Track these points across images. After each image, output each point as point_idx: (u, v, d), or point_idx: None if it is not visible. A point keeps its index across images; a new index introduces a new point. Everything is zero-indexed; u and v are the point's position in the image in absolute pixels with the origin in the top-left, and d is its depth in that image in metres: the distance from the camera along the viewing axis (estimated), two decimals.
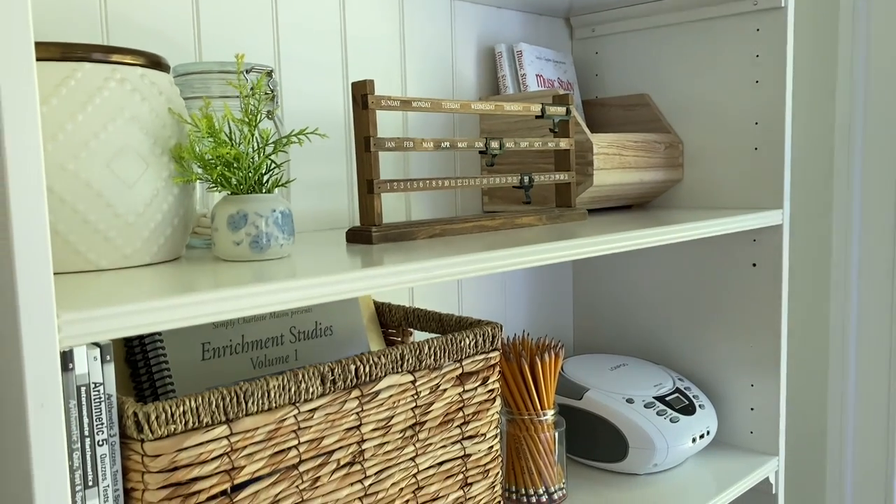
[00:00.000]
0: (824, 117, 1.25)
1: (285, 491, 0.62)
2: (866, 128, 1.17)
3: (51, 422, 0.40)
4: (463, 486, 0.76)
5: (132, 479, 0.55)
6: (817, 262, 1.25)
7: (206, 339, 0.72)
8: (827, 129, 1.24)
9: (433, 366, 0.72)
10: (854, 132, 1.17)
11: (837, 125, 1.19)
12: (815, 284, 1.26)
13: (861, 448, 1.21)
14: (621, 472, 1.00)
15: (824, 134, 1.25)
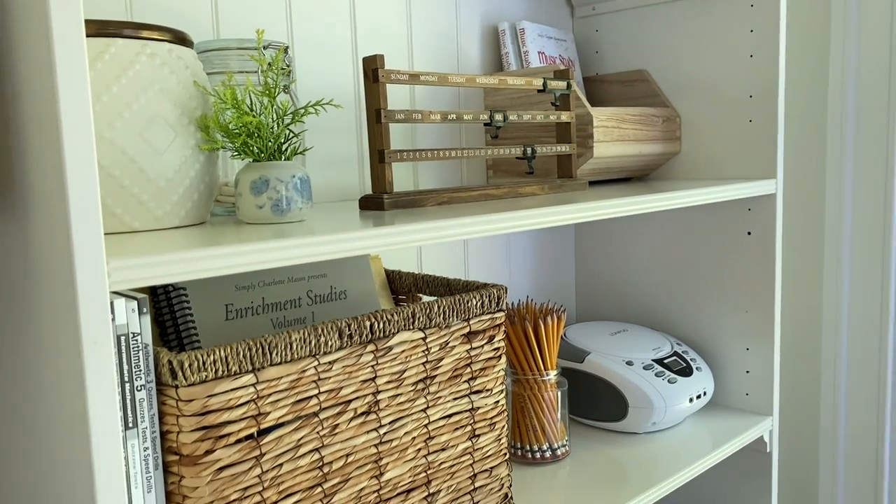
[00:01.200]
0: (818, 89, 1.28)
1: (307, 436, 0.66)
2: (858, 99, 1.21)
3: (103, 357, 0.45)
4: (471, 438, 0.80)
5: (167, 423, 0.59)
6: (811, 230, 1.29)
7: (229, 300, 0.77)
8: (821, 101, 1.28)
9: (442, 324, 0.77)
10: (846, 104, 1.21)
11: (830, 97, 1.22)
12: (808, 251, 1.30)
13: (852, 408, 1.25)
14: (622, 431, 1.05)
15: (818, 106, 1.28)
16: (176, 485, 0.60)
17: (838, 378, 1.25)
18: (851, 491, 1.26)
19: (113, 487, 0.47)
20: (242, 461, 0.62)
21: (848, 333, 1.24)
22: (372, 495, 0.72)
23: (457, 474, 0.79)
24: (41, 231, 0.47)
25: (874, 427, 1.23)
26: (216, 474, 0.61)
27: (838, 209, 1.22)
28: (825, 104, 1.25)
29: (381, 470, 0.72)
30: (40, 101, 0.44)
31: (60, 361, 0.47)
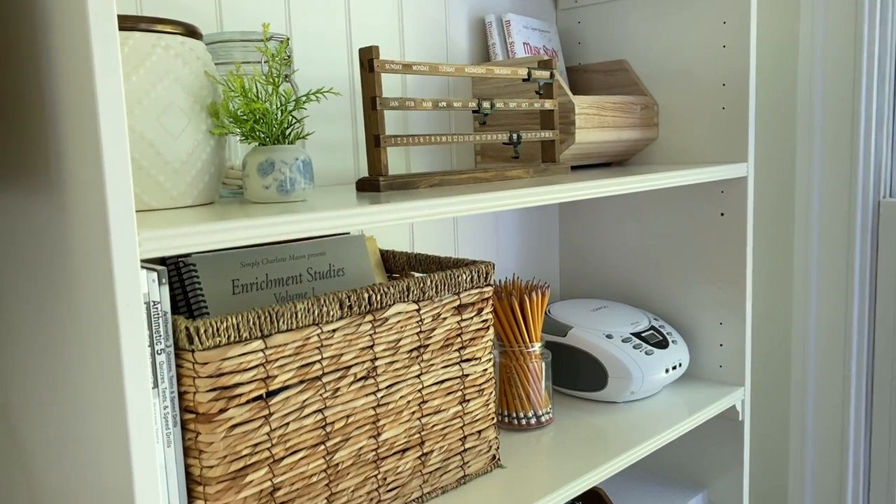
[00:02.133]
0: (788, 78, 1.35)
1: (311, 398, 0.72)
2: (825, 88, 1.27)
3: (135, 317, 0.50)
4: (461, 402, 0.87)
5: (185, 384, 0.65)
6: (782, 211, 1.36)
7: (235, 276, 0.83)
8: (790, 89, 1.34)
9: (434, 297, 0.83)
10: (814, 92, 1.27)
11: (799, 85, 1.29)
12: (779, 231, 1.37)
13: (821, 379, 1.32)
14: (602, 401, 1.12)
15: (788, 94, 1.35)
16: (193, 440, 0.65)
17: (807, 350, 1.32)
18: (819, 457, 1.34)
19: (144, 430, 0.52)
20: (253, 420, 0.68)
21: (816, 310, 1.31)
22: (370, 453, 0.78)
23: (448, 436, 0.85)
24: (77, 208, 0.52)
25: (840, 397, 1.30)
26: (229, 431, 0.66)
27: (807, 191, 1.28)
28: (795, 92, 1.31)
29: (378, 430, 0.78)
30: (78, 92, 0.50)
31: (97, 323, 0.53)
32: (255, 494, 0.68)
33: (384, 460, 0.79)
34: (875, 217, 1.24)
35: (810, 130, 1.27)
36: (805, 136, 1.28)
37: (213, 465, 0.66)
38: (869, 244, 1.25)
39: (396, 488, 0.80)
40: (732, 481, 1.20)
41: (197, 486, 0.66)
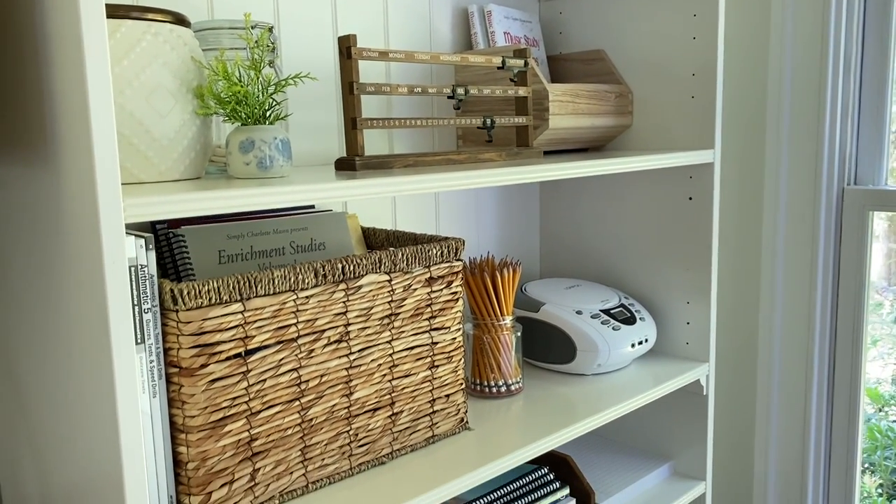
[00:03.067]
0: (759, 69, 1.40)
1: (287, 358, 0.79)
2: (794, 76, 1.33)
3: (119, 272, 0.57)
4: (430, 368, 0.93)
5: (169, 341, 0.72)
6: (751, 196, 1.42)
7: (221, 247, 0.89)
8: (761, 79, 1.39)
9: (406, 269, 0.89)
10: (783, 81, 1.32)
11: (770, 75, 1.34)
12: (748, 215, 1.43)
13: (786, 357, 1.38)
14: (571, 373, 1.18)
15: (759, 84, 1.40)
16: (176, 392, 0.72)
17: (774, 329, 1.38)
18: (783, 431, 1.40)
19: (126, 376, 0.59)
20: (232, 375, 0.75)
21: (783, 291, 1.36)
22: (343, 411, 0.84)
23: (418, 398, 0.92)
24: (70, 177, 0.59)
25: (803, 373, 1.36)
26: (209, 385, 0.73)
27: (775, 178, 1.34)
28: (765, 83, 1.36)
29: (350, 390, 0.85)
30: (70, 73, 0.56)
31: (87, 281, 0.60)
32: (233, 443, 0.75)
33: (356, 418, 0.86)
34: (839, 203, 1.30)
35: (779, 120, 1.32)
36: (774, 126, 1.33)
37: (195, 416, 0.72)
38: (833, 229, 1.30)
39: (367, 444, 0.87)
40: (697, 453, 1.27)
41: (180, 433, 0.73)
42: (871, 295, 1.33)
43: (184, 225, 0.89)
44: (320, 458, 0.83)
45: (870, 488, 1.92)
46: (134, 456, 0.61)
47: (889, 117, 1.29)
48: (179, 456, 0.73)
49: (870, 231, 1.29)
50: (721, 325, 1.51)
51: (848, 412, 1.35)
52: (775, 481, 1.41)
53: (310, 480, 0.82)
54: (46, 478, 0.74)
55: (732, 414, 1.50)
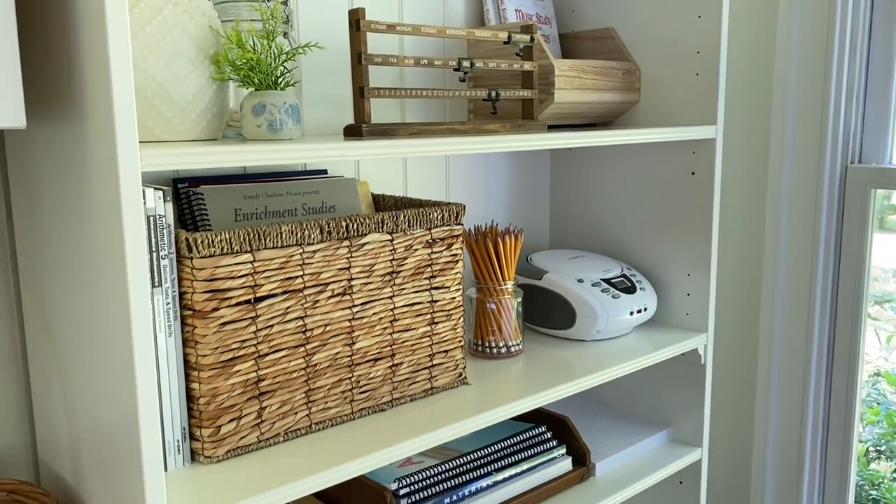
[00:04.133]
0: (767, 47, 1.42)
1: (293, 307, 0.85)
2: (800, 55, 1.35)
3: (136, 214, 0.64)
4: (430, 324, 0.99)
5: (184, 286, 0.79)
6: (756, 173, 1.44)
7: (238, 206, 0.96)
8: (768, 57, 1.42)
9: (407, 230, 0.95)
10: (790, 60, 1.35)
11: (777, 52, 1.36)
12: (753, 191, 1.46)
13: (787, 328, 1.41)
14: (571, 339, 1.23)
15: (766, 62, 1.42)
16: (190, 333, 0.79)
17: (775, 302, 1.41)
18: (783, 400, 1.43)
19: (142, 313, 0.66)
20: (241, 319, 0.81)
21: (785, 265, 1.39)
22: (345, 358, 0.91)
23: (417, 352, 0.98)
24: (94, 129, 0.65)
25: (803, 345, 1.39)
26: (220, 327, 0.80)
27: (780, 154, 1.36)
28: (772, 61, 1.39)
29: (353, 340, 0.91)
30: (94, 38, 0.63)
31: (107, 225, 0.66)
32: (241, 382, 0.82)
33: (358, 366, 0.92)
34: (842, 181, 1.32)
35: (785, 98, 1.34)
36: (780, 103, 1.36)
37: (207, 355, 0.79)
38: (836, 206, 1.33)
39: (368, 391, 0.93)
40: (695, 421, 1.31)
41: (193, 371, 0.80)
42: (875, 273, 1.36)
43: (203, 185, 0.96)
44: (323, 402, 0.89)
45: (885, 473, 1.94)
46: (147, 390, 0.67)
47: (895, 96, 1.30)
48: (192, 392, 0.80)
49: (871, 209, 1.31)
50: (724, 297, 1.54)
51: (846, 384, 1.38)
52: (774, 450, 1.45)
53: (313, 421, 0.89)
54: (73, 413, 0.82)
55: (734, 384, 1.54)
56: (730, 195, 1.50)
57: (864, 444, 1.95)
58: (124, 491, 0.71)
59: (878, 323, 2.10)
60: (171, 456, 0.79)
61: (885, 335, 2.03)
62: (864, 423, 2.06)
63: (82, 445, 0.81)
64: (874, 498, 1.89)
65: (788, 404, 1.43)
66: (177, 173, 1.01)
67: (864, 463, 1.94)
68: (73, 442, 0.83)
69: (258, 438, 0.84)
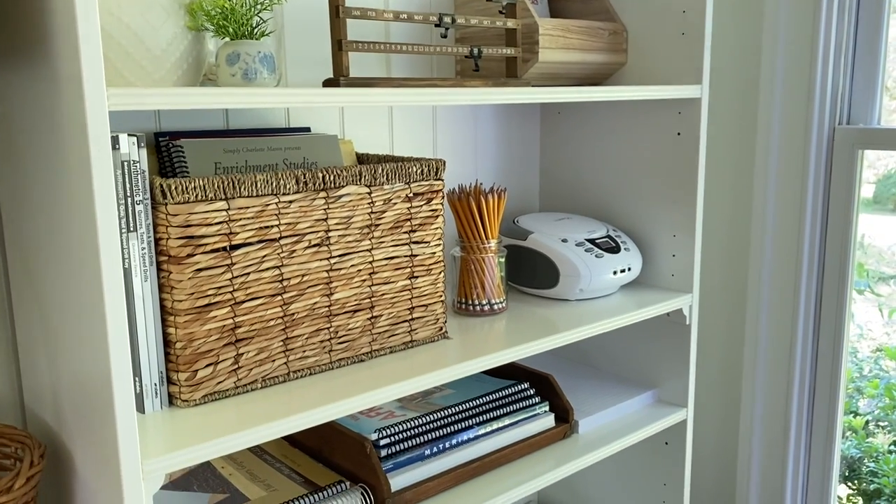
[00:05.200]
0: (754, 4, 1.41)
1: (269, 256, 0.87)
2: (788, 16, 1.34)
3: (104, 155, 0.65)
4: (410, 278, 1.00)
5: (159, 231, 0.80)
6: (744, 133, 1.44)
7: (217, 159, 0.97)
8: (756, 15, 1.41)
9: (385, 183, 0.95)
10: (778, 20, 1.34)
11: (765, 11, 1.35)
12: (741, 152, 1.45)
13: (774, 289, 1.41)
14: (555, 298, 1.24)
15: (754, 20, 1.41)
16: (166, 278, 0.80)
17: (763, 263, 1.41)
18: (770, 365, 1.44)
19: (112, 257, 0.67)
20: (217, 266, 0.83)
21: (773, 226, 1.39)
22: (323, 309, 0.92)
23: (397, 304, 0.99)
24: (62, 70, 0.66)
25: (790, 306, 1.40)
26: (196, 273, 0.81)
27: (768, 115, 1.36)
28: (761, 21, 1.38)
29: (331, 291, 0.92)
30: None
31: (77, 165, 0.68)
32: (217, 328, 0.83)
33: (336, 316, 0.93)
34: (830, 142, 1.32)
35: (773, 58, 1.34)
36: (768, 65, 1.35)
37: (182, 300, 0.81)
38: (823, 167, 1.32)
39: (347, 342, 0.95)
40: (681, 381, 1.32)
41: (169, 316, 0.81)
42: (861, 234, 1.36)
43: (183, 138, 0.97)
44: (301, 350, 0.90)
45: (882, 445, 1.94)
46: (118, 333, 0.69)
47: (884, 56, 1.30)
48: (169, 336, 0.81)
49: (858, 170, 1.31)
50: (712, 259, 1.54)
51: (833, 343, 1.38)
52: (761, 411, 1.46)
53: (291, 369, 0.90)
54: (54, 360, 0.83)
55: (721, 346, 1.55)
56: (718, 157, 1.50)
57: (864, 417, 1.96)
58: (100, 433, 0.73)
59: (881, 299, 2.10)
60: (149, 399, 0.81)
61: (887, 311, 2.03)
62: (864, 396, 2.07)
63: (63, 392, 0.82)
64: (872, 470, 1.90)
65: (776, 365, 1.43)
66: (158, 127, 1.02)
67: (863, 436, 1.95)
68: (54, 388, 0.85)
69: (235, 384, 0.86)
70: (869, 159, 1.90)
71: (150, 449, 0.73)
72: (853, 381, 1.96)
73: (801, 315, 1.37)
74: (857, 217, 1.33)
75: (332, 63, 1.19)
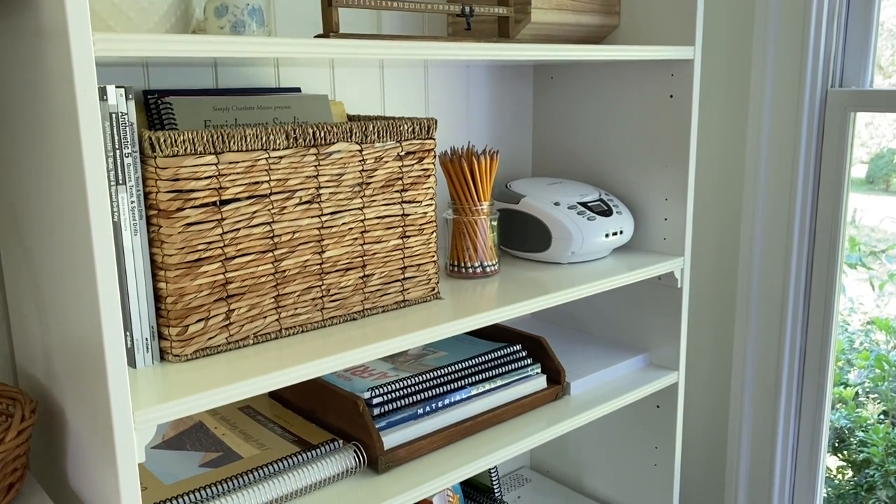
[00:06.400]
0: None
1: (260, 211, 0.86)
2: None
3: (92, 106, 0.64)
4: (402, 238, 1.00)
5: (149, 185, 0.79)
6: (737, 97, 1.44)
7: (207, 117, 0.96)
8: None
9: (377, 141, 0.95)
10: None
11: None
12: (734, 115, 1.45)
13: (766, 254, 1.42)
14: (547, 262, 1.24)
15: None
16: (156, 232, 0.80)
17: (755, 226, 1.41)
18: (761, 327, 1.44)
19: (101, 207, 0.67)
20: (207, 221, 0.82)
21: (765, 188, 1.39)
22: (315, 266, 0.92)
23: (389, 264, 0.99)
24: (48, 18, 0.66)
25: (782, 270, 1.40)
26: (186, 228, 0.81)
27: (761, 78, 1.36)
28: None
29: (322, 248, 0.92)
30: None
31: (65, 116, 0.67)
32: (208, 283, 0.83)
33: (328, 274, 0.93)
34: (822, 105, 1.32)
35: (766, 21, 1.33)
36: (761, 28, 1.34)
37: (172, 255, 0.80)
38: (815, 129, 1.32)
39: (339, 300, 0.95)
40: (673, 345, 1.32)
41: (159, 270, 0.81)
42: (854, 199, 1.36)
43: (173, 95, 0.96)
44: (293, 307, 0.90)
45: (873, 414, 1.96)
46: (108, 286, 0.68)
47: (877, 19, 1.29)
48: (159, 291, 0.81)
49: (851, 132, 1.31)
50: (704, 223, 1.54)
51: (824, 306, 1.38)
52: (752, 375, 1.47)
53: (283, 326, 0.90)
54: (44, 317, 0.83)
55: (713, 310, 1.55)
56: (710, 120, 1.49)
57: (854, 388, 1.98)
58: (92, 388, 0.73)
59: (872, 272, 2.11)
60: (140, 354, 0.81)
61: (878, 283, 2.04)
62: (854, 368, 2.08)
63: (54, 348, 0.82)
64: (861, 440, 1.92)
65: (767, 329, 1.44)
66: (147, 86, 1.02)
67: (853, 406, 1.97)
68: (45, 345, 0.85)
69: (227, 340, 0.85)
70: (862, 137, 1.90)
71: (142, 400, 0.73)
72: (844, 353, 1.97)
73: (792, 278, 1.38)
74: (850, 179, 1.33)
75: (321, 21, 1.18)
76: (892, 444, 1.85)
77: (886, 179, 2.02)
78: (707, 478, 1.64)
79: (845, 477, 1.88)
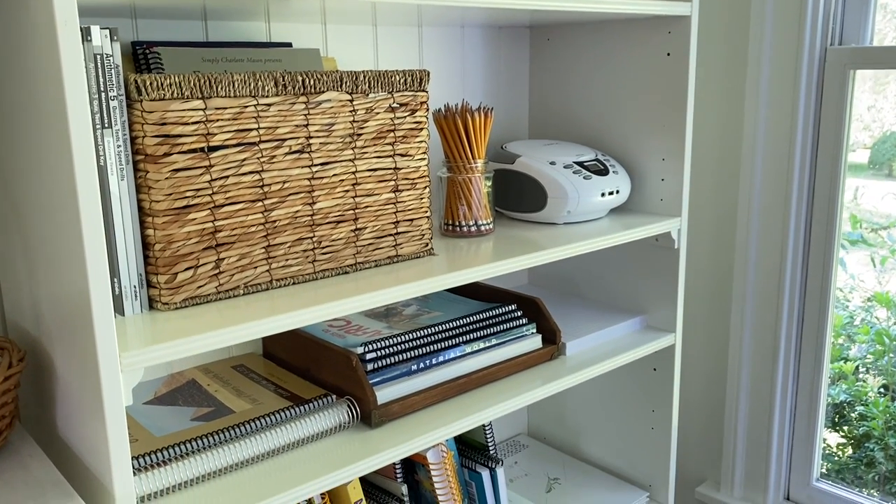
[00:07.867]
0: None
1: (249, 159, 0.85)
2: None
3: (74, 45, 0.63)
4: (394, 191, 0.99)
5: (135, 129, 0.78)
6: (735, 53, 1.42)
7: (196, 68, 0.95)
8: None
9: (367, 91, 0.94)
10: None
11: None
12: (733, 72, 1.43)
13: (764, 213, 1.41)
14: (542, 222, 1.23)
15: None
16: (143, 178, 0.79)
17: (753, 185, 1.40)
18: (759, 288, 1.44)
19: (85, 148, 0.66)
20: (195, 167, 0.81)
21: (763, 145, 1.38)
22: (306, 218, 0.91)
23: (381, 217, 0.98)
24: None
25: (780, 229, 1.39)
26: (173, 174, 0.80)
27: (760, 35, 1.34)
28: None
29: (313, 199, 0.91)
30: None
31: (45, 53, 0.66)
32: (197, 231, 0.82)
33: (319, 226, 0.92)
34: (821, 63, 1.30)
35: None
36: None
37: (160, 200, 0.79)
38: (814, 87, 1.31)
39: (331, 253, 0.94)
40: (670, 307, 1.31)
41: (147, 217, 0.80)
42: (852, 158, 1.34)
43: (162, 46, 0.95)
44: (284, 258, 0.89)
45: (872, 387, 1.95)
46: (94, 231, 0.67)
47: None
48: (147, 238, 0.80)
49: (850, 89, 1.29)
50: (702, 184, 1.53)
51: (822, 265, 1.37)
52: (751, 338, 1.46)
53: (274, 277, 0.89)
54: (34, 266, 0.82)
55: (711, 272, 1.54)
56: (708, 79, 1.48)
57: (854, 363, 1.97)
58: (79, 333, 0.72)
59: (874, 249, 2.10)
60: (128, 301, 0.80)
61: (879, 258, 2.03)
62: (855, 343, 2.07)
63: (42, 297, 0.81)
64: (861, 413, 1.91)
65: (765, 290, 1.43)
66: (136, 37, 1.00)
67: (853, 380, 1.96)
68: (33, 295, 0.84)
69: (217, 289, 0.85)
70: (864, 121, 1.88)
71: (129, 343, 0.72)
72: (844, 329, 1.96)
73: (790, 236, 1.37)
74: (848, 137, 1.32)
75: None
76: (893, 418, 1.84)
77: (890, 164, 2.01)
78: (704, 441, 1.63)
79: (846, 454, 1.87)
